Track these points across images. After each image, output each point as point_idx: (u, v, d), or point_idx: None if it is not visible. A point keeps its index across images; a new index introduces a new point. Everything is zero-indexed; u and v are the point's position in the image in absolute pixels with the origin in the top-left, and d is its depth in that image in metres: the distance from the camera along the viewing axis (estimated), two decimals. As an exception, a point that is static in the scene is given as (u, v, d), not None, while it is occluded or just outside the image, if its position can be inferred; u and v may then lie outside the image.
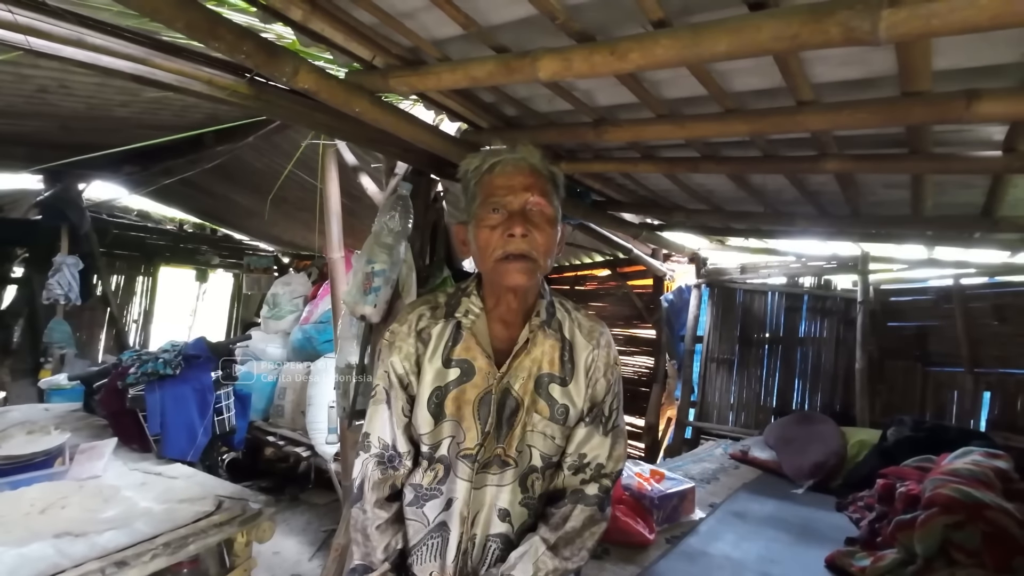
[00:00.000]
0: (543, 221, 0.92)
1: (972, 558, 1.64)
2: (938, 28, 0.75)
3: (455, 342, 0.97)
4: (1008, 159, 1.39)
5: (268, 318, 4.58)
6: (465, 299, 1.00)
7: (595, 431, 0.99)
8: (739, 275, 4.28)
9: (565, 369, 0.98)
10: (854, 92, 1.24)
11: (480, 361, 0.96)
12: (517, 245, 0.89)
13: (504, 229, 0.90)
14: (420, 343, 0.99)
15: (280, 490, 3.94)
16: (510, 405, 0.95)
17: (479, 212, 0.93)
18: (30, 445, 2.11)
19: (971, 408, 3.39)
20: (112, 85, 2.27)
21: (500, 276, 0.91)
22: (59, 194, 4.35)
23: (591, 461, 0.99)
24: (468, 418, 0.95)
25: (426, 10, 1.19)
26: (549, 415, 0.96)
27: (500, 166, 0.93)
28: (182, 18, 1.03)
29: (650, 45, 0.98)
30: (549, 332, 0.98)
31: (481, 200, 0.93)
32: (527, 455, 0.96)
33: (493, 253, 0.91)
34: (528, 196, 0.91)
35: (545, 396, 0.96)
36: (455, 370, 0.96)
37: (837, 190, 2.05)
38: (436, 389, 0.96)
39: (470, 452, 0.95)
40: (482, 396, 0.95)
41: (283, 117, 1.90)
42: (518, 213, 0.90)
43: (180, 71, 1.41)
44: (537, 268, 0.91)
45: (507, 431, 0.95)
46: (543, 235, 0.91)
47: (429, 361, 0.97)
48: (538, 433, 0.96)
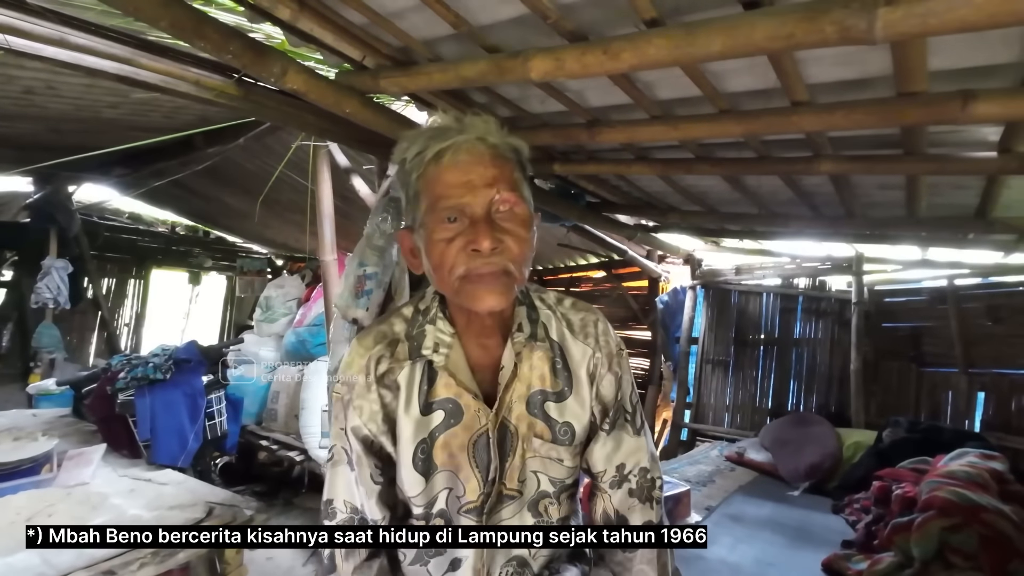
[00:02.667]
0: (516, 224, 0.72)
1: (969, 561, 1.64)
2: (935, 27, 0.74)
3: (431, 382, 0.78)
4: (1003, 160, 1.39)
5: (261, 321, 4.54)
6: (430, 327, 0.79)
7: (624, 433, 0.83)
8: (734, 276, 4.28)
9: (560, 380, 0.80)
10: (849, 92, 1.23)
11: (465, 398, 0.77)
12: (487, 262, 0.69)
13: (466, 241, 0.69)
14: (386, 391, 0.78)
15: (273, 494, 3.90)
16: (503, 437, 0.78)
17: (428, 220, 0.71)
18: (17, 451, 2.07)
19: (966, 409, 3.40)
20: (100, 86, 2.23)
21: (467, 299, 0.72)
22: (48, 197, 4.30)
23: (633, 468, 0.82)
24: (465, 467, 0.78)
25: (416, 9, 1.17)
26: (552, 437, 0.79)
27: (450, 154, 0.70)
28: (166, 17, 1.01)
29: (643, 45, 0.97)
30: (536, 344, 0.80)
31: (429, 203, 0.71)
32: (533, 483, 0.80)
33: (454, 271, 0.70)
34: (493, 194, 0.69)
35: (542, 416, 0.79)
36: (438, 413, 0.78)
37: (831, 191, 2.04)
38: (420, 443, 0.77)
39: (473, 505, 0.78)
40: (476, 439, 0.78)
41: (272, 118, 1.88)
42: (483, 219, 0.69)
43: (166, 71, 1.39)
44: (515, 282, 0.72)
45: (506, 464, 0.79)
46: (518, 242, 0.71)
47: (404, 412, 0.78)
48: (541, 459, 0.80)
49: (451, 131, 0.71)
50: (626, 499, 0.82)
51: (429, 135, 0.72)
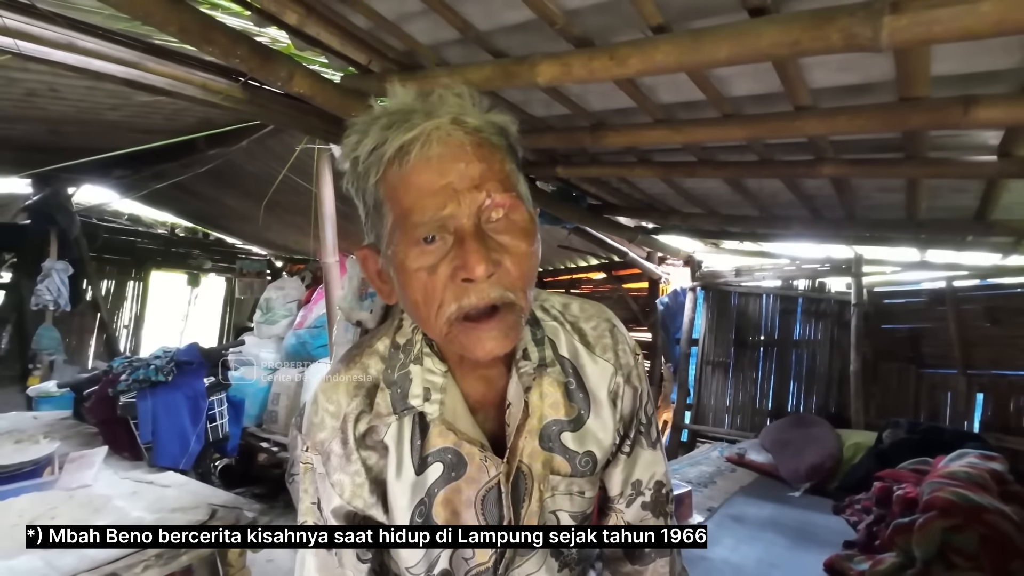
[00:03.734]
0: (516, 235, 0.55)
1: (970, 562, 1.65)
2: (940, 35, 0.75)
3: (423, 434, 0.63)
4: (1003, 164, 1.40)
5: (261, 323, 4.54)
6: (415, 367, 0.64)
7: (640, 448, 0.72)
8: (734, 278, 4.29)
9: (576, 403, 0.67)
10: (852, 97, 1.24)
11: (466, 448, 0.63)
12: (483, 294, 0.53)
13: (454, 268, 0.52)
14: (370, 453, 0.63)
15: (274, 497, 3.89)
16: (522, 483, 0.65)
17: (398, 240, 0.54)
18: (18, 454, 2.07)
19: (965, 410, 3.41)
20: (103, 89, 2.24)
21: (465, 347, 0.56)
22: (48, 198, 4.30)
23: (648, 482, 0.72)
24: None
25: (423, 14, 1.18)
26: (571, 471, 0.66)
27: (418, 148, 0.52)
28: (175, 22, 1.02)
29: (650, 51, 0.98)
30: (546, 371, 0.66)
31: (397, 218, 0.54)
32: (553, 523, 0.68)
33: (442, 310, 0.54)
34: (482, 199, 0.52)
35: (559, 450, 0.66)
36: (436, 466, 0.63)
37: (832, 194, 2.06)
38: (418, 505, 0.63)
39: (486, 567, 0.66)
40: (484, 495, 0.64)
41: (278, 121, 1.88)
42: (472, 235, 0.52)
43: (173, 75, 1.40)
44: (521, 316, 0.57)
45: (521, 511, 0.66)
46: (519, 260, 0.55)
47: (397, 478, 0.63)
48: (562, 495, 0.67)
49: (415, 114, 0.53)
50: (639, 512, 0.73)
51: (386, 122, 0.54)
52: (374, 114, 0.56)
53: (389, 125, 0.53)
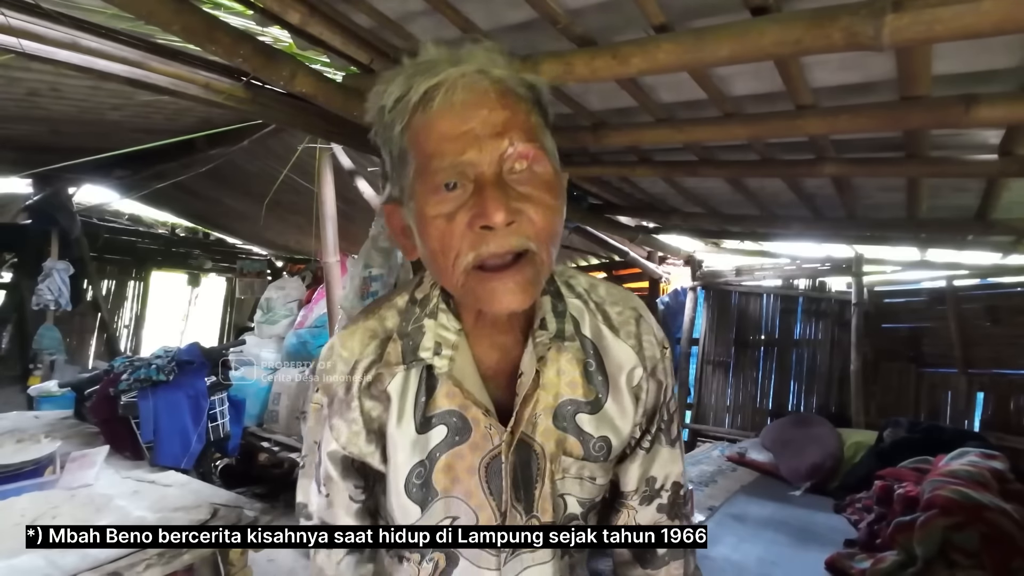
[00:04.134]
0: (539, 187, 0.54)
1: (971, 560, 1.65)
2: (941, 34, 0.75)
3: (429, 393, 0.62)
4: (1004, 163, 1.40)
5: (262, 323, 4.53)
6: (429, 321, 0.63)
7: (659, 445, 0.69)
8: (734, 277, 4.30)
9: (595, 385, 0.65)
10: (853, 96, 1.25)
11: (472, 411, 0.62)
12: (502, 241, 0.52)
13: (472, 215, 0.51)
14: (373, 403, 0.63)
15: (275, 497, 3.89)
16: (526, 459, 0.63)
17: (418, 187, 0.54)
18: (20, 454, 2.07)
19: (965, 409, 3.42)
20: (105, 88, 2.24)
21: (480, 299, 0.55)
22: (49, 198, 4.30)
23: (665, 482, 0.70)
24: (476, 494, 0.62)
25: (425, 14, 1.18)
26: (583, 454, 0.64)
27: (442, 94, 0.52)
28: (178, 21, 1.02)
29: (652, 50, 0.98)
30: (565, 344, 0.63)
31: (419, 164, 0.54)
32: (560, 507, 0.65)
33: (459, 260, 0.53)
34: (504, 146, 0.52)
35: (574, 430, 0.64)
36: (439, 428, 0.62)
37: (833, 193, 2.06)
38: (417, 465, 0.62)
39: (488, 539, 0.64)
40: (489, 462, 0.62)
41: (280, 121, 1.89)
42: (492, 183, 0.51)
43: (176, 74, 1.40)
44: (540, 270, 0.55)
45: (535, 493, 0.64)
46: (543, 211, 0.53)
47: (396, 429, 0.62)
48: (572, 479, 0.65)
49: (441, 64, 0.53)
50: (654, 515, 0.70)
51: (412, 71, 0.54)
52: (402, 66, 0.55)
53: (415, 74, 0.53)
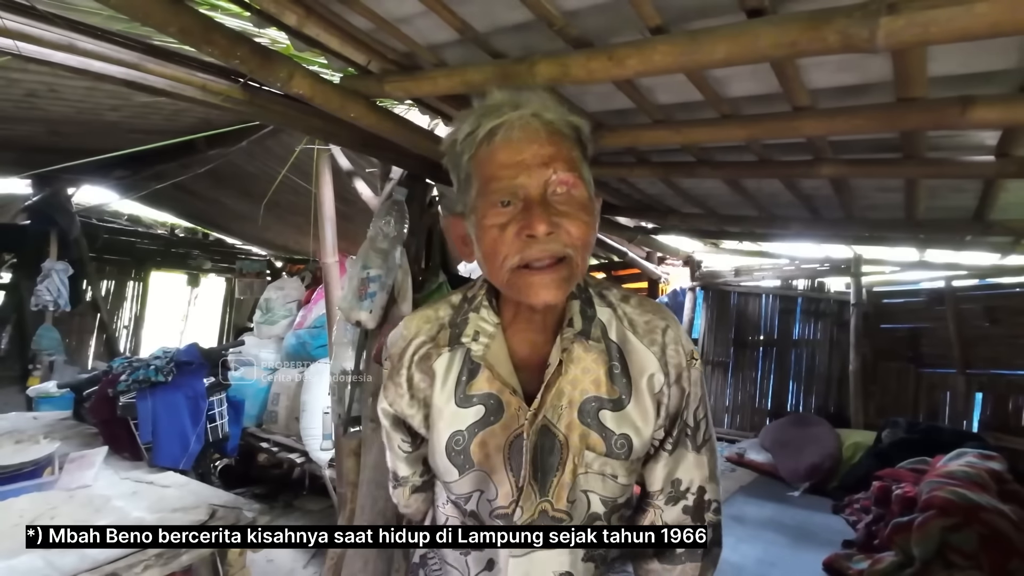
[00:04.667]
0: (575, 207, 0.66)
1: (969, 560, 1.65)
2: (936, 36, 0.75)
3: (470, 376, 0.74)
4: (1001, 164, 1.40)
5: (261, 323, 4.53)
6: (473, 315, 0.76)
7: (684, 450, 0.75)
8: (733, 278, 4.30)
9: (618, 386, 0.72)
10: (850, 98, 1.24)
11: (507, 395, 0.73)
12: (544, 248, 0.64)
13: (520, 227, 0.64)
14: (421, 376, 0.77)
15: (274, 497, 3.90)
16: (549, 446, 0.71)
17: (479, 204, 0.67)
18: (18, 454, 2.07)
19: (963, 409, 3.42)
20: (102, 89, 2.24)
21: (520, 292, 0.67)
22: (48, 199, 4.30)
23: (689, 486, 0.75)
24: (499, 469, 0.72)
25: (422, 15, 1.18)
26: (605, 450, 0.71)
27: (503, 131, 0.66)
28: (175, 23, 1.02)
29: (648, 51, 0.98)
30: (590, 343, 0.73)
31: (480, 186, 0.67)
32: (583, 504, 0.72)
33: (507, 261, 0.65)
34: (549, 174, 0.65)
35: (596, 427, 0.71)
36: (477, 408, 0.73)
37: (831, 194, 2.06)
38: (455, 435, 0.74)
39: (504, 511, 0.72)
40: (512, 440, 0.71)
41: (277, 122, 1.88)
42: (538, 202, 0.64)
43: (173, 76, 1.40)
44: (574, 273, 0.67)
45: (552, 479, 0.71)
46: (577, 226, 0.65)
47: (439, 400, 0.75)
48: (594, 475, 0.71)
49: (504, 107, 0.67)
50: (680, 516, 0.76)
51: (481, 113, 0.68)
52: (472, 109, 0.71)
53: (483, 115, 0.68)
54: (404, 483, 0.90)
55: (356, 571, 1.90)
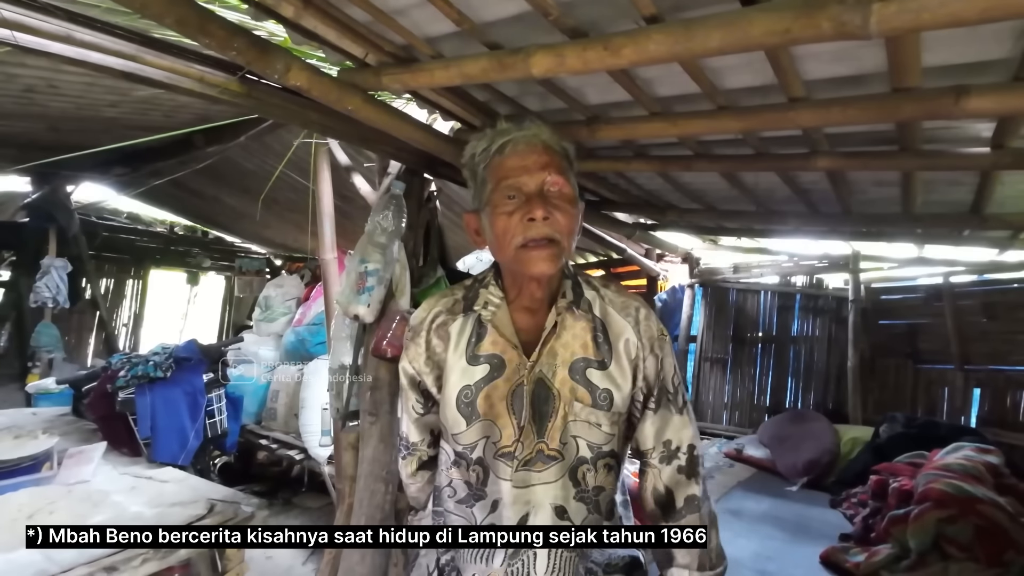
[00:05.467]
0: (563, 201, 0.86)
1: (965, 552, 1.66)
2: (928, 22, 0.76)
3: (479, 338, 0.92)
4: (996, 155, 1.41)
5: (260, 320, 4.53)
6: (483, 290, 0.95)
7: (669, 413, 0.93)
8: (732, 274, 4.30)
9: (601, 351, 0.91)
10: (845, 88, 1.25)
11: (509, 353, 0.90)
12: (539, 230, 0.83)
13: (523, 214, 0.84)
14: (438, 340, 0.94)
15: (273, 494, 3.90)
16: (545, 396, 0.89)
17: (493, 198, 0.87)
18: (17, 450, 2.07)
19: (962, 404, 3.43)
20: (101, 85, 2.24)
21: (523, 264, 0.86)
22: (47, 196, 4.30)
23: (680, 445, 0.92)
24: (503, 415, 0.89)
25: (419, 7, 1.18)
26: (591, 402, 0.89)
27: (511, 145, 0.87)
28: (172, 14, 1.02)
29: (643, 41, 0.98)
30: (579, 313, 0.92)
31: (493, 185, 0.87)
32: (573, 447, 0.89)
33: (513, 240, 0.85)
34: (545, 176, 0.85)
35: (584, 382, 0.89)
36: (483, 366, 0.91)
37: (828, 188, 2.06)
38: (464, 388, 0.91)
39: (508, 450, 0.89)
40: (514, 389, 0.89)
41: (275, 115, 1.89)
42: (536, 195, 0.85)
43: (171, 68, 1.40)
44: (562, 252, 0.86)
45: (547, 424, 0.88)
46: (565, 216, 0.85)
47: (452, 359, 0.93)
48: (582, 422, 0.89)
49: (512, 130, 0.89)
50: (674, 475, 0.92)
51: (495, 134, 0.90)
52: (486, 132, 0.93)
53: (495, 136, 0.90)
54: (413, 452, 1.04)
55: (354, 564, 1.90)
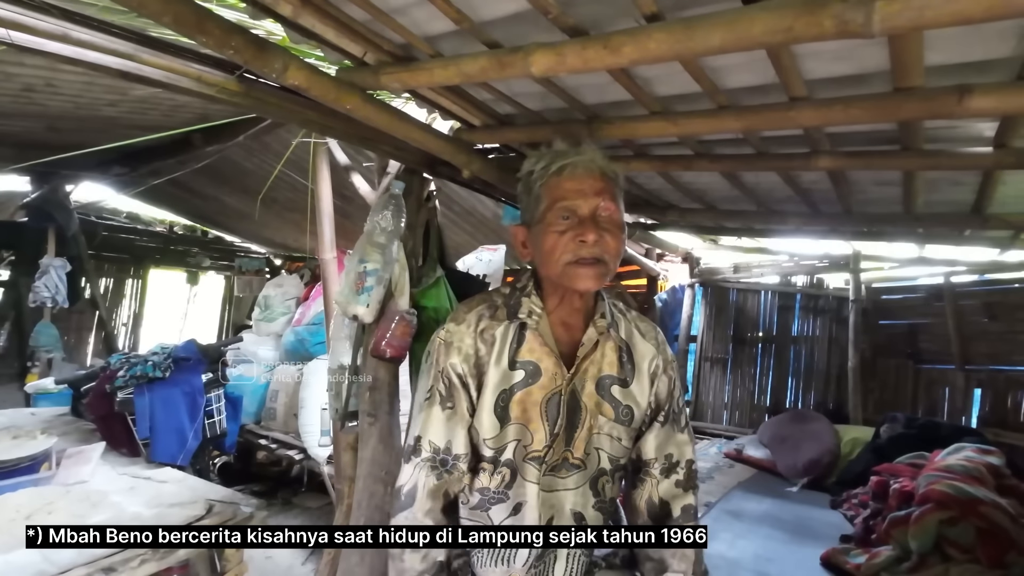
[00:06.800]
0: (613, 226, 0.91)
1: (966, 554, 1.65)
2: (931, 20, 0.75)
3: (519, 343, 0.96)
4: (998, 155, 1.40)
5: (260, 320, 4.53)
6: (525, 299, 0.99)
7: (673, 430, 1.01)
8: (732, 274, 4.30)
9: (625, 370, 0.98)
10: (847, 88, 1.24)
11: (546, 362, 0.95)
12: (590, 251, 0.89)
13: (575, 234, 0.89)
14: (482, 343, 0.96)
15: (272, 494, 3.90)
16: (575, 407, 0.95)
17: (547, 216, 0.92)
18: (16, 450, 2.07)
19: (962, 405, 3.42)
20: (100, 84, 2.23)
21: (571, 280, 0.90)
22: (46, 196, 4.29)
23: (680, 460, 1.00)
24: (535, 420, 0.94)
25: (418, 5, 1.17)
26: (614, 417, 0.96)
27: (569, 169, 0.92)
28: (169, 12, 1.01)
29: (643, 39, 0.97)
30: (611, 334, 0.99)
31: (548, 203, 0.92)
32: (595, 458, 0.96)
33: (562, 257, 0.90)
34: (599, 201, 0.90)
35: (608, 398, 0.96)
36: (520, 372, 0.95)
37: (829, 188, 2.05)
38: (502, 392, 0.94)
39: (538, 454, 0.94)
40: (550, 397, 0.94)
41: (273, 115, 1.88)
42: (589, 219, 0.90)
43: (168, 67, 1.39)
44: (608, 272, 0.91)
45: (575, 434, 0.95)
46: (614, 239, 0.91)
47: (494, 363, 0.95)
48: (605, 435, 0.96)
49: (571, 153, 0.94)
50: (672, 488, 0.99)
51: (554, 155, 0.94)
52: (544, 151, 0.97)
53: (554, 156, 0.94)
54: (453, 466, 0.96)
55: (353, 565, 1.90)
